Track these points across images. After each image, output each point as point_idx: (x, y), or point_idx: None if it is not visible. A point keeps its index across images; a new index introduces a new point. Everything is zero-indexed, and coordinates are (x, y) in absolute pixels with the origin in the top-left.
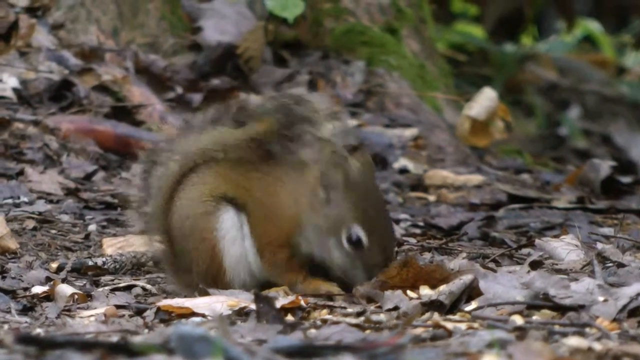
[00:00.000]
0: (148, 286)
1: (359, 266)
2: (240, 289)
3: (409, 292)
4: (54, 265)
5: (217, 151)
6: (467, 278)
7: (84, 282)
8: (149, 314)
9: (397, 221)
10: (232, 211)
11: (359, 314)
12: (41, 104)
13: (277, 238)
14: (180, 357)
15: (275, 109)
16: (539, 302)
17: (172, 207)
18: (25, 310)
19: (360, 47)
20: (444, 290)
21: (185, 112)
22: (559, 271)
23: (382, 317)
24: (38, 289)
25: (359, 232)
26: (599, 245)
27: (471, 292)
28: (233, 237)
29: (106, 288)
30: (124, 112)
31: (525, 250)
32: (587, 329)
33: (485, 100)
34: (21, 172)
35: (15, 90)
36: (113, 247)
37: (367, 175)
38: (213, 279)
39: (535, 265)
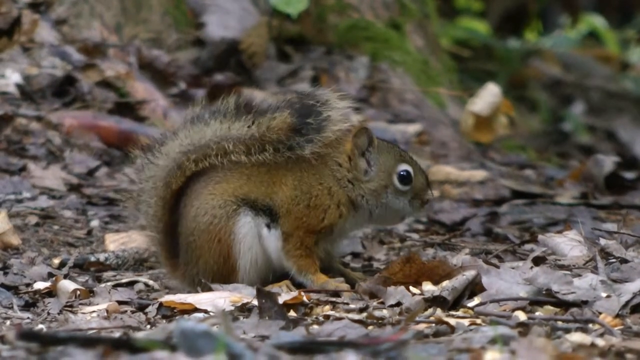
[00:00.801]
0: (150, 282)
1: (415, 198)
2: None
3: (411, 288)
4: (57, 261)
5: (232, 144)
6: (470, 274)
7: (86, 278)
8: (152, 309)
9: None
10: (250, 216)
11: (361, 310)
12: (44, 99)
13: (313, 227)
14: (183, 353)
15: (290, 106)
16: (542, 297)
17: (187, 202)
18: (27, 306)
19: (364, 42)
20: (446, 286)
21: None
22: (562, 267)
23: (384, 313)
24: (40, 285)
25: (405, 167)
26: (602, 241)
27: (474, 288)
28: (250, 243)
29: (108, 284)
30: (127, 108)
31: (528, 246)
32: (590, 325)
33: (489, 95)
34: (24, 168)
35: (18, 85)
36: (115, 243)
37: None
38: (222, 277)
39: (538, 261)
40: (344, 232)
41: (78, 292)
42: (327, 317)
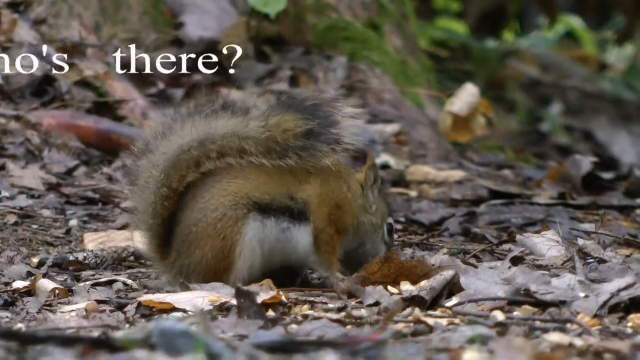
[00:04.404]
0: (129, 281)
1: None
2: None
3: (390, 287)
4: (36, 260)
5: (250, 145)
6: (448, 274)
7: (65, 277)
8: (131, 309)
9: None
10: (259, 221)
11: (340, 310)
12: (23, 99)
13: (341, 225)
14: (162, 353)
15: (308, 112)
16: (520, 298)
17: (198, 194)
18: (6, 306)
19: (342, 43)
20: (425, 286)
21: (166, 107)
22: (540, 267)
23: (363, 312)
24: (19, 284)
25: (392, 222)
26: (580, 242)
27: (452, 288)
28: (252, 247)
29: (87, 283)
30: (106, 108)
31: (506, 246)
32: (569, 325)
33: (467, 96)
34: (3, 167)
35: None
36: (94, 242)
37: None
38: (215, 274)
39: (516, 261)
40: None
41: (57, 292)
42: (305, 316)
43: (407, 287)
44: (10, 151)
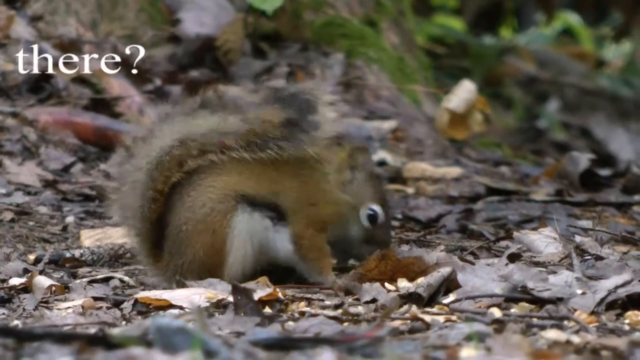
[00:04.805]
0: (126, 278)
1: (372, 241)
2: None
3: (387, 284)
4: (32, 257)
5: (230, 139)
6: (445, 270)
7: (62, 274)
8: (127, 306)
9: None
10: (247, 213)
11: (337, 307)
12: (20, 95)
13: (318, 222)
14: (158, 350)
15: (286, 101)
16: (518, 294)
17: (184, 192)
18: (2, 302)
19: (339, 39)
20: (422, 283)
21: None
22: (537, 264)
23: (360, 309)
24: (16, 281)
25: (378, 210)
26: (578, 238)
27: (449, 284)
28: (243, 240)
29: (84, 280)
30: (102, 104)
31: (503, 243)
32: (566, 322)
33: (464, 92)
34: None
35: None
36: (91, 239)
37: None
38: (209, 270)
39: (513, 257)
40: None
41: (53, 288)
42: (302, 313)
43: (404, 284)
44: (7, 148)
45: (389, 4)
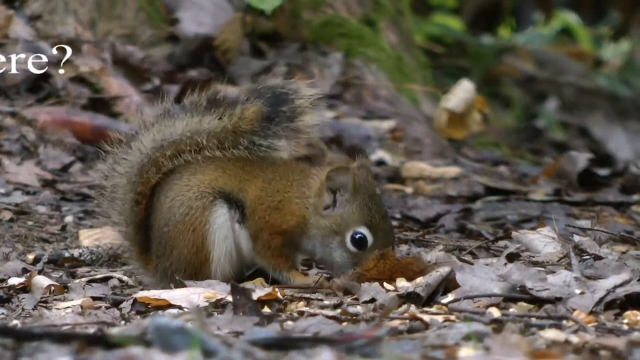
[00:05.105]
0: (125, 278)
1: (356, 265)
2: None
3: (385, 284)
4: (31, 256)
5: (205, 139)
6: (444, 270)
7: (61, 274)
8: (126, 305)
9: None
10: (226, 208)
11: (335, 306)
12: (18, 95)
13: (276, 227)
14: (157, 349)
15: (260, 96)
16: (516, 294)
17: (162, 193)
18: (2, 302)
19: (338, 39)
20: (420, 283)
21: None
22: (535, 264)
23: (359, 309)
24: (14, 281)
25: (365, 234)
26: (576, 238)
27: (448, 284)
28: (224, 234)
29: (83, 280)
30: (101, 104)
31: (502, 243)
32: (564, 322)
33: (462, 92)
34: None
35: None
36: (89, 238)
37: (368, 179)
38: (195, 268)
39: (512, 257)
40: (301, 246)
41: (52, 288)
42: (301, 313)
43: (402, 284)
44: (6, 147)
45: (387, 4)
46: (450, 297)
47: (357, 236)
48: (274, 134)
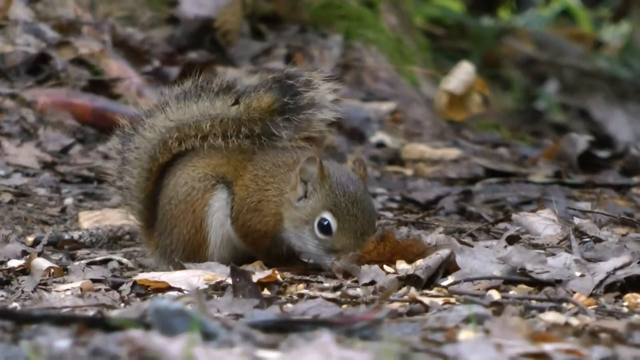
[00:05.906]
0: (124, 260)
1: (334, 249)
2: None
3: (385, 266)
4: (30, 239)
5: (209, 125)
6: (444, 253)
7: (60, 256)
8: (125, 288)
9: (374, 195)
10: (226, 193)
11: (335, 289)
12: (18, 77)
13: (257, 231)
14: (157, 332)
15: (277, 87)
16: (516, 277)
17: (170, 172)
18: (1, 284)
19: (338, 21)
20: (420, 265)
21: (162, 85)
22: (535, 246)
23: (358, 291)
24: (14, 263)
25: (329, 219)
26: (576, 220)
27: (448, 266)
28: (222, 219)
29: (82, 262)
30: (101, 86)
31: (502, 225)
32: (564, 304)
33: (462, 74)
34: None
35: None
36: (89, 220)
37: (360, 171)
38: (193, 249)
39: (512, 240)
40: (284, 241)
41: (52, 270)
42: (301, 295)
43: (402, 266)
44: (5, 129)
45: None
46: (450, 279)
47: (323, 222)
48: (287, 123)
